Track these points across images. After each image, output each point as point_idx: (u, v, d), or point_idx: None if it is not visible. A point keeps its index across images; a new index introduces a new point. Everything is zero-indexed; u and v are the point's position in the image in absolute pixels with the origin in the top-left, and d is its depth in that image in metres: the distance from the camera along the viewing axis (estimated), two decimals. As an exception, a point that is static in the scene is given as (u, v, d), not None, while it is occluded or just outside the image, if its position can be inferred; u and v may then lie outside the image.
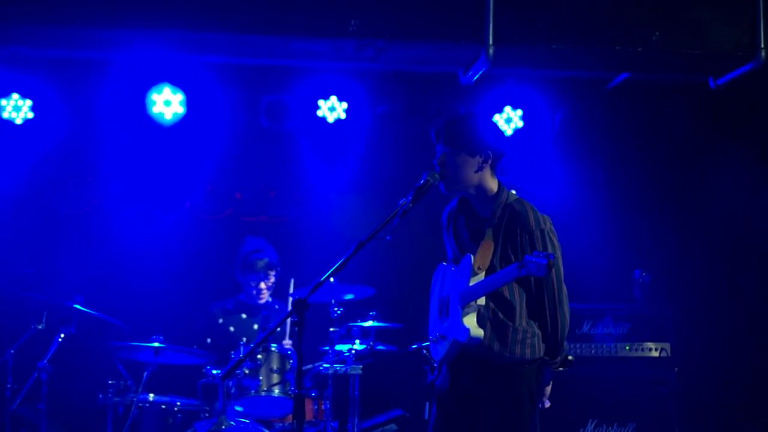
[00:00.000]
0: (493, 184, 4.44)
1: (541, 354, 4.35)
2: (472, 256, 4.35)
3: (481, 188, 4.43)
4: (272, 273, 6.66)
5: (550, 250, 4.27)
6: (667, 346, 6.91)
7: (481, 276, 4.30)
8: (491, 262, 4.32)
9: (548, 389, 4.43)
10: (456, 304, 4.34)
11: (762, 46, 6.26)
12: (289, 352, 6.05)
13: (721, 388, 7.21)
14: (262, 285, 6.64)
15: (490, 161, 4.41)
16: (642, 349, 6.91)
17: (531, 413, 4.34)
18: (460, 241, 4.52)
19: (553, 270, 4.27)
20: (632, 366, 6.87)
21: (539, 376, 4.38)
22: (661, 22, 6.28)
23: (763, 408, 7.18)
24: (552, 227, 4.39)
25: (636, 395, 6.83)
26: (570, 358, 4.41)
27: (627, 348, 6.90)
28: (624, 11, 6.23)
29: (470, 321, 4.28)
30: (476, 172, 4.39)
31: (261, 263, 6.61)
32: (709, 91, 6.81)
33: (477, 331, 4.27)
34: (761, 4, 6.25)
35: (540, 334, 4.35)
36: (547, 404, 4.44)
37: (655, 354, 6.90)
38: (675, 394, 6.82)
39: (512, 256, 4.31)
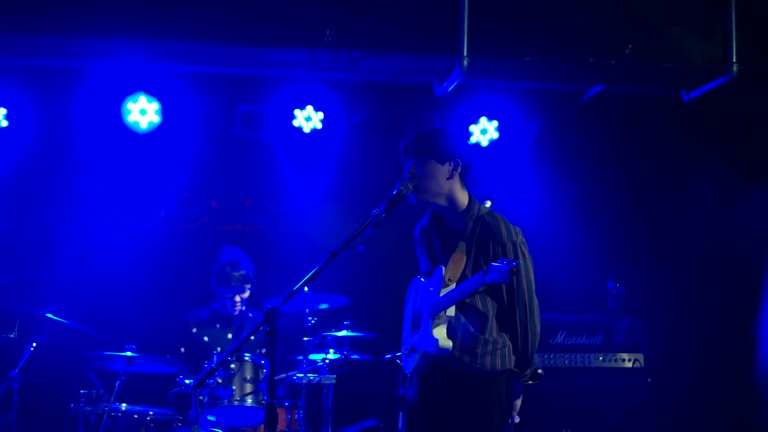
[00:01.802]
0: (463, 197, 4.46)
1: (511, 365, 4.36)
2: (443, 268, 4.37)
3: (451, 200, 4.44)
4: (248, 286, 6.63)
5: (521, 262, 4.30)
6: (640, 356, 6.95)
7: (452, 287, 4.33)
8: (463, 273, 4.34)
9: (518, 403, 4.43)
10: (427, 315, 4.36)
11: (734, 60, 6.33)
12: (263, 361, 6.04)
13: (694, 398, 7.25)
14: (237, 298, 6.63)
15: (459, 169, 4.43)
16: (615, 360, 6.95)
17: (501, 424, 4.35)
18: (432, 255, 4.54)
19: (524, 281, 4.30)
20: (605, 377, 6.91)
21: (509, 388, 4.39)
22: (635, 35, 6.35)
23: (735, 418, 7.22)
24: (523, 239, 4.42)
25: (609, 406, 6.86)
26: (539, 371, 4.42)
27: (600, 359, 6.94)
28: (598, 24, 6.30)
29: (440, 332, 4.30)
30: (447, 179, 4.42)
31: (237, 276, 6.58)
32: (682, 104, 6.88)
33: (446, 342, 4.28)
34: (733, 19, 6.33)
35: (510, 345, 4.37)
36: (516, 419, 4.45)
37: (629, 365, 6.93)
38: (648, 405, 6.85)
39: (484, 268, 4.33)
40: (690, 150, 7.50)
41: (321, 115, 7.19)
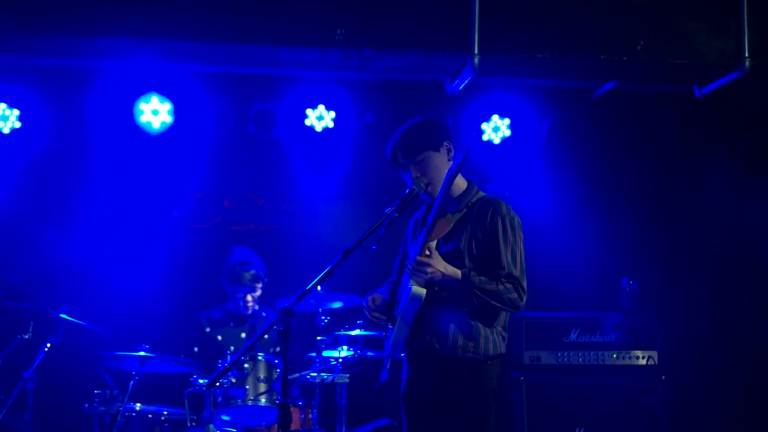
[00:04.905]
0: (461, 182, 4.52)
1: (503, 351, 4.42)
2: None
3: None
4: (259, 285, 6.66)
5: (510, 237, 4.35)
6: (654, 354, 6.92)
7: (433, 244, 4.32)
8: (456, 243, 4.36)
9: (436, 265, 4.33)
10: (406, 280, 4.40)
11: (746, 55, 6.29)
12: (276, 361, 6.05)
13: (709, 396, 7.22)
14: (249, 297, 6.64)
15: (452, 146, 4.48)
16: (629, 358, 6.92)
17: (496, 410, 4.40)
18: (418, 238, 4.54)
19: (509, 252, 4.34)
20: (619, 374, 6.87)
21: (500, 373, 4.44)
22: (647, 31, 6.31)
23: (749, 416, 7.19)
24: (519, 223, 4.45)
25: (623, 403, 6.82)
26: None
27: (614, 356, 6.90)
28: (609, 21, 6.27)
29: (415, 285, 4.33)
30: (448, 161, 4.47)
31: (248, 276, 6.60)
32: (695, 100, 6.85)
33: (419, 290, 4.30)
34: (746, 14, 6.29)
35: (503, 332, 4.42)
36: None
37: (643, 362, 6.90)
38: (662, 403, 6.82)
39: (480, 236, 4.36)
40: (703, 146, 7.47)
41: (333, 114, 7.20)
